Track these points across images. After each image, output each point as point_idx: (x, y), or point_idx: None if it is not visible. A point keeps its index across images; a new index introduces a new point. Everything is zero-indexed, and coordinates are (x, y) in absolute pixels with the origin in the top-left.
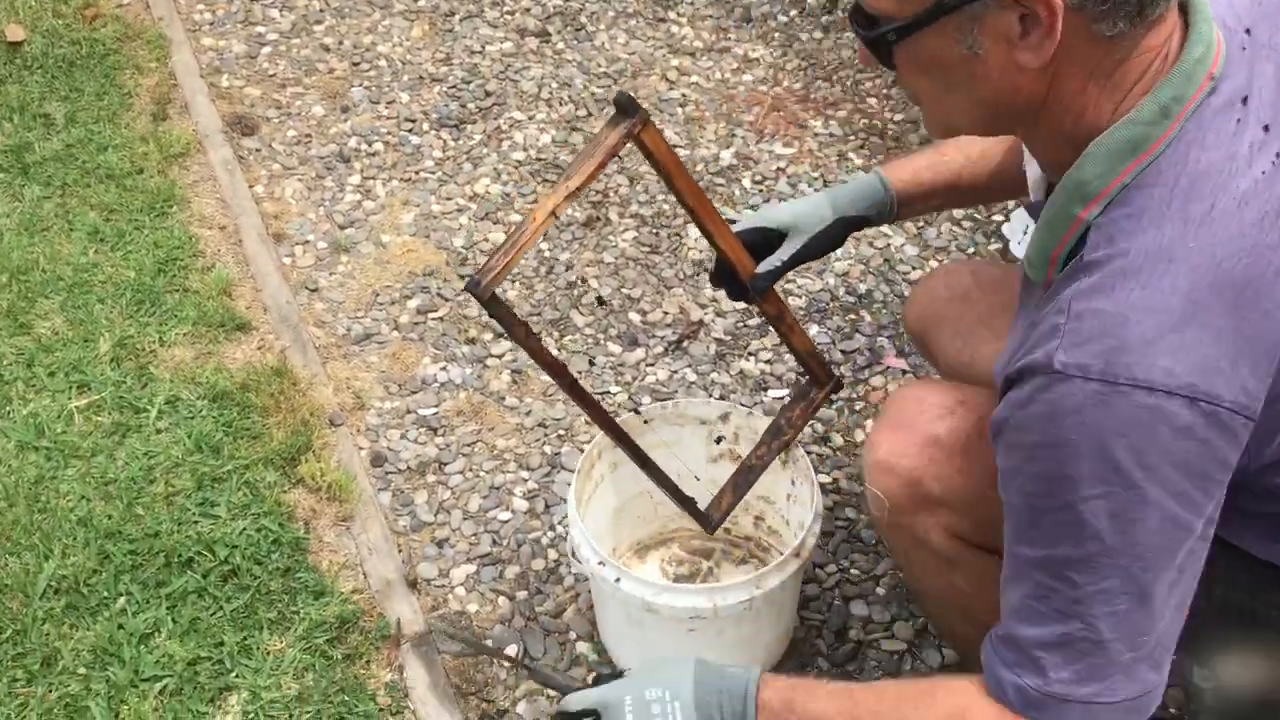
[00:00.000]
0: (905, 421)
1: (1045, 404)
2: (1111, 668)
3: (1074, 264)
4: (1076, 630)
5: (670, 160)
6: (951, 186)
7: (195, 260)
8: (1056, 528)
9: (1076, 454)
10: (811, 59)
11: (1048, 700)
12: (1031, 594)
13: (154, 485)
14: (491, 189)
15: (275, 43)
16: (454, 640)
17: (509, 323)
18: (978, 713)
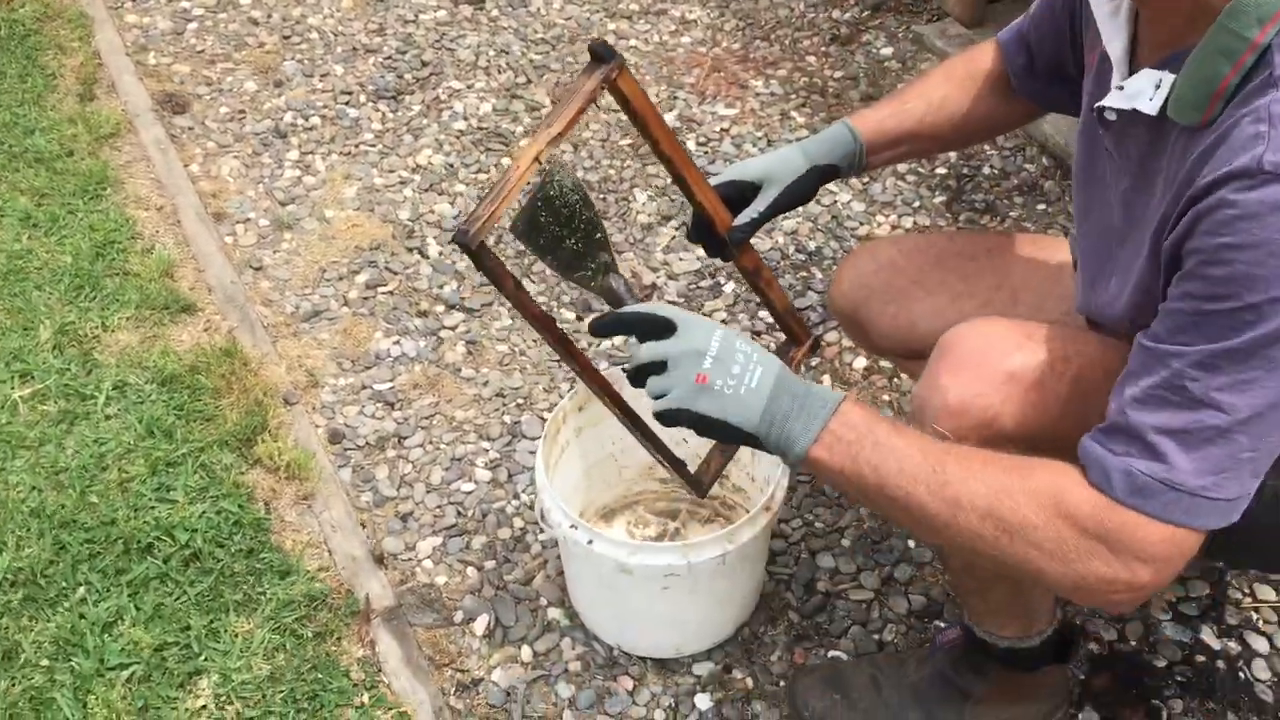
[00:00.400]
0: (972, 360)
1: (1247, 204)
2: (1229, 461)
3: (1258, 83)
4: (1208, 418)
5: (646, 107)
6: (914, 134)
7: (134, 242)
8: (1224, 328)
9: (1274, 253)
10: (749, 19)
11: (1157, 487)
12: (1164, 383)
13: (106, 472)
14: (434, 160)
15: (201, 18)
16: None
17: (498, 275)
18: (1077, 493)
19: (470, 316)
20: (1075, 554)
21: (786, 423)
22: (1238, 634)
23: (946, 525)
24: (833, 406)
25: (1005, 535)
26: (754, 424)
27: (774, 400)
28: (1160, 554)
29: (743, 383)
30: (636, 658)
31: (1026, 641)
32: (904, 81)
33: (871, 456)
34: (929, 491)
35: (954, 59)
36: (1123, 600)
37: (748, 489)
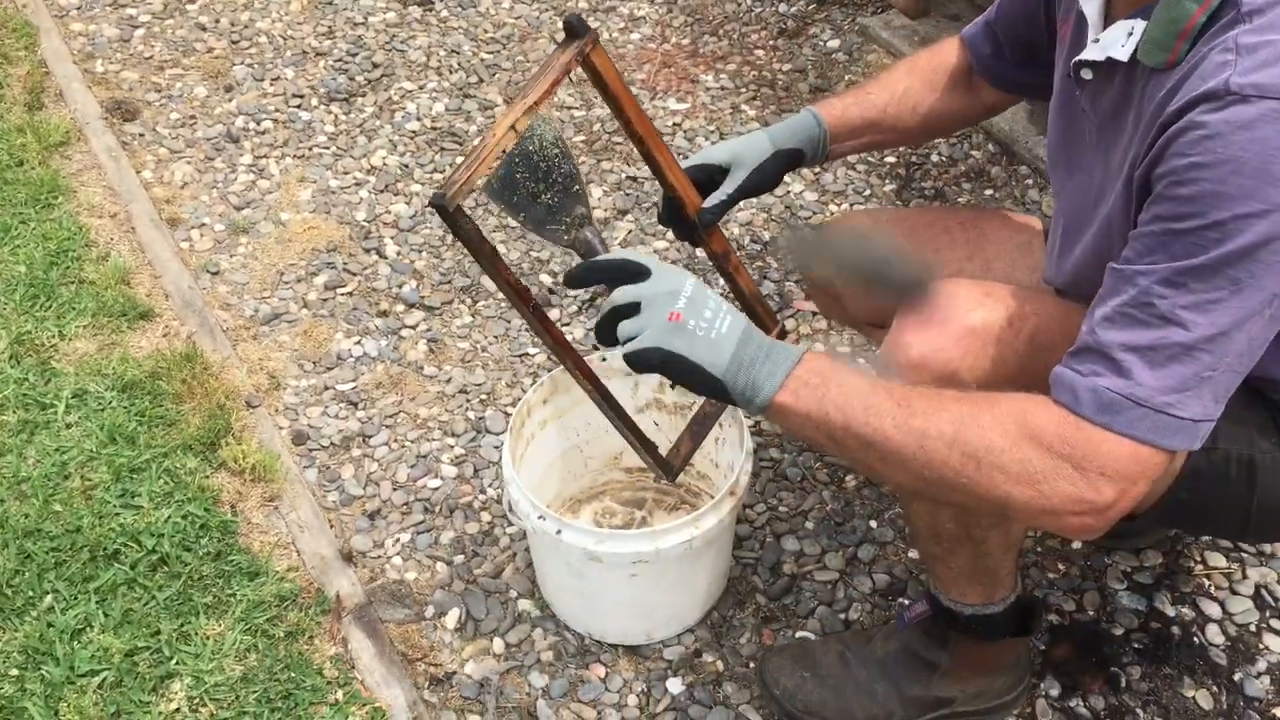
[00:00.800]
0: (936, 318)
1: (1215, 124)
2: (1193, 380)
3: (1224, 21)
4: (1173, 334)
5: (618, 84)
6: (876, 123)
7: (88, 250)
8: (1191, 246)
9: (1238, 171)
10: (696, 15)
11: (1123, 402)
12: (1131, 301)
13: (69, 480)
14: (389, 160)
15: (148, 24)
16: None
17: (475, 240)
18: (1042, 414)
19: (431, 315)
20: (1041, 475)
21: (754, 368)
22: (1191, 600)
23: (913, 457)
24: (798, 355)
25: (971, 462)
26: (722, 368)
27: (742, 347)
28: (1124, 470)
29: (714, 327)
30: (608, 645)
31: (990, 608)
32: (851, 74)
33: (837, 397)
34: (894, 425)
35: (918, 53)
36: (1089, 523)
37: (712, 475)
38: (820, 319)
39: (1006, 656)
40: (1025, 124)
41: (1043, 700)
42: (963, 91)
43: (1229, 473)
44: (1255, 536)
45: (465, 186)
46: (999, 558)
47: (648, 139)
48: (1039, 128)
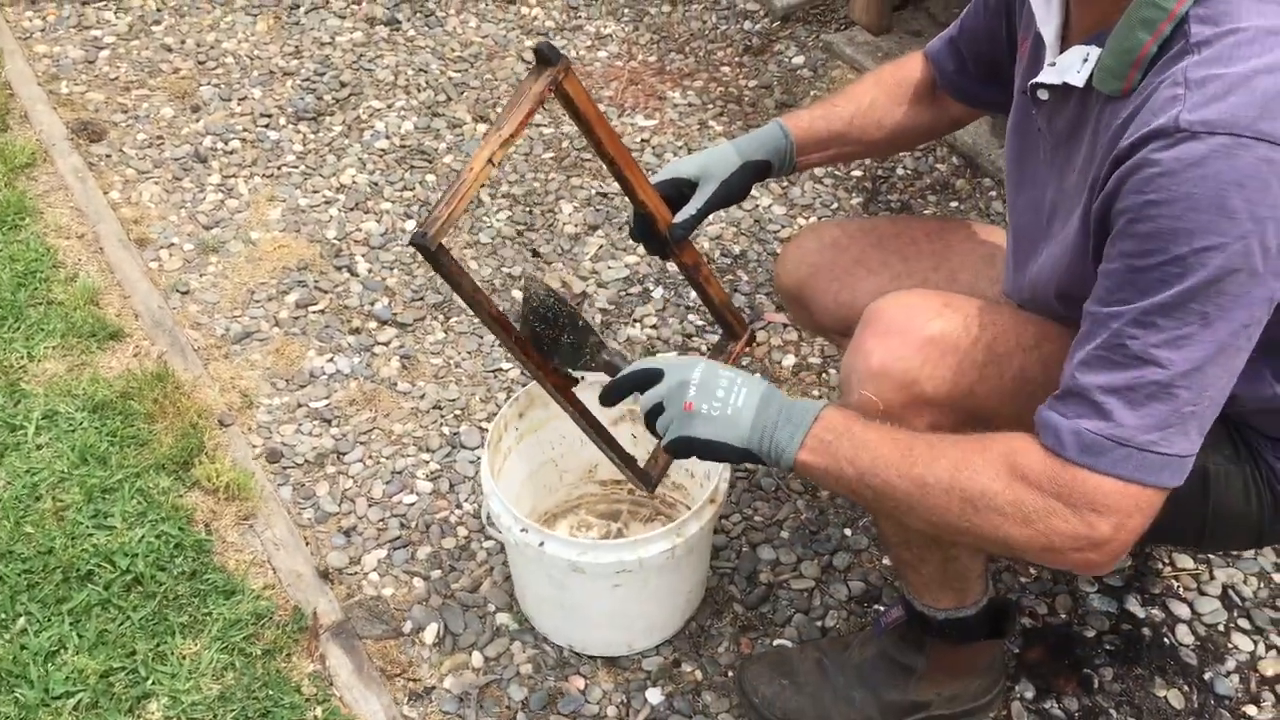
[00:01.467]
0: (896, 327)
1: (1167, 162)
2: (1173, 417)
3: (1174, 52)
4: (1149, 374)
5: (590, 109)
6: (842, 135)
7: (56, 271)
8: (1155, 281)
9: (1194, 206)
10: (662, 32)
11: (1105, 443)
12: (1105, 344)
13: (40, 502)
14: (358, 179)
15: (113, 45)
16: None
17: (456, 276)
18: (1030, 456)
19: (403, 331)
20: (1035, 514)
21: (775, 433)
22: (1160, 602)
23: (919, 504)
24: (815, 412)
25: (969, 506)
26: (745, 438)
27: (760, 414)
28: (1115, 505)
29: (728, 404)
30: (587, 657)
31: (963, 611)
32: (816, 89)
33: (848, 452)
34: (899, 475)
35: (884, 67)
36: (1093, 559)
37: (687, 485)
38: (790, 330)
39: (981, 660)
40: (989, 137)
41: (1018, 703)
42: (927, 105)
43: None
44: (1212, 545)
45: (446, 224)
46: (968, 562)
47: (619, 159)
48: (1002, 141)
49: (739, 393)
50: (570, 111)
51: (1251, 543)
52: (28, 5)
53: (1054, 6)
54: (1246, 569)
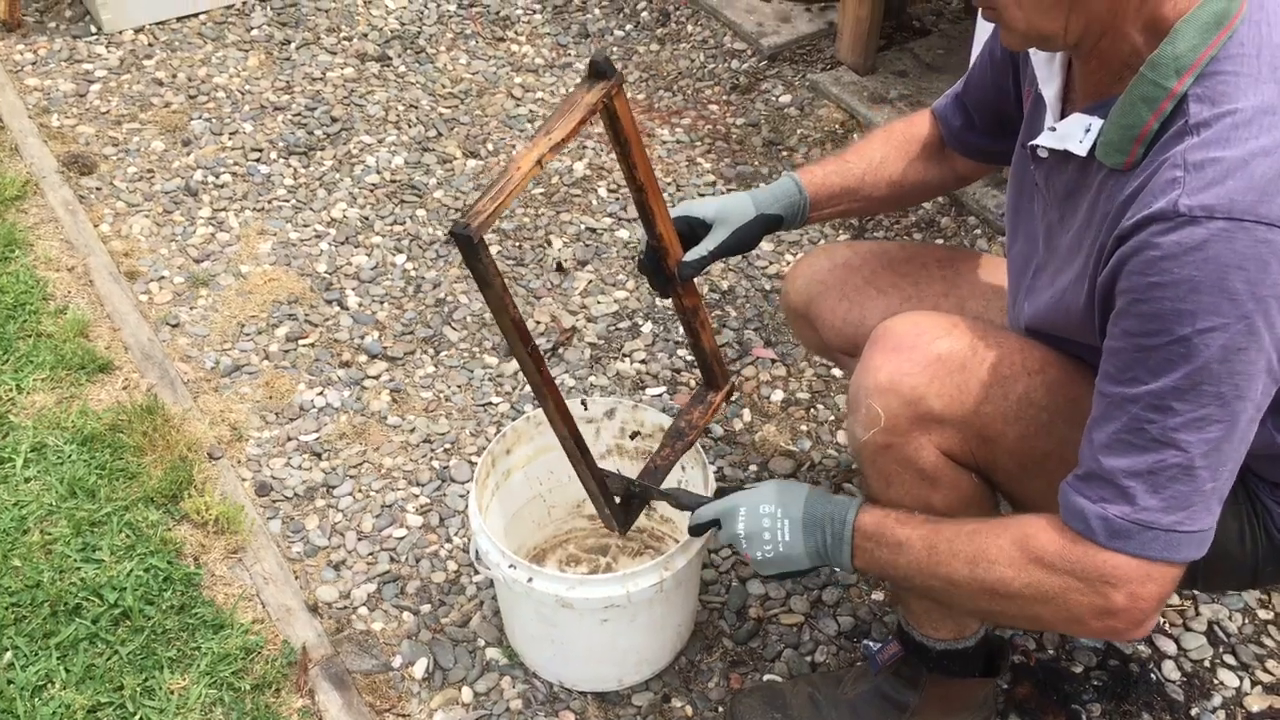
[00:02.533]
0: (905, 344)
1: (1168, 245)
2: (1195, 496)
3: (1175, 131)
4: (1170, 457)
5: (633, 131)
6: (854, 190)
7: (46, 304)
8: (1163, 362)
9: (1196, 289)
10: (651, 70)
11: (1133, 528)
12: (1125, 428)
13: (28, 535)
14: (349, 213)
15: (104, 79)
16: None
17: (489, 272)
18: (1044, 538)
19: (394, 365)
20: (1053, 593)
21: (828, 554)
22: (1147, 638)
23: (954, 598)
24: (851, 526)
25: (994, 596)
26: (806, 565)
27: (808, 539)
28: (1129, 577)
29: (778, 541)
30: (577, 693)
31: (960, 643)
32: (803, 128)
33: (888, 558)
34: (931, 576)
35: (894, 124)
36: (1114, 626)
37: (675, 519)
38: (779, 365)
39: (974, 697)
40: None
41: None
42: (936, 162)
43: None
44: (1206, 586)
45: (490, 218)
46: None
47: (647, 187)
48: (986, 181)
49: (782, 528)
50: (612, 130)
51: (1245, 584)
52: (19, 39)
53: (1055, 68)
54: (1231, 605)
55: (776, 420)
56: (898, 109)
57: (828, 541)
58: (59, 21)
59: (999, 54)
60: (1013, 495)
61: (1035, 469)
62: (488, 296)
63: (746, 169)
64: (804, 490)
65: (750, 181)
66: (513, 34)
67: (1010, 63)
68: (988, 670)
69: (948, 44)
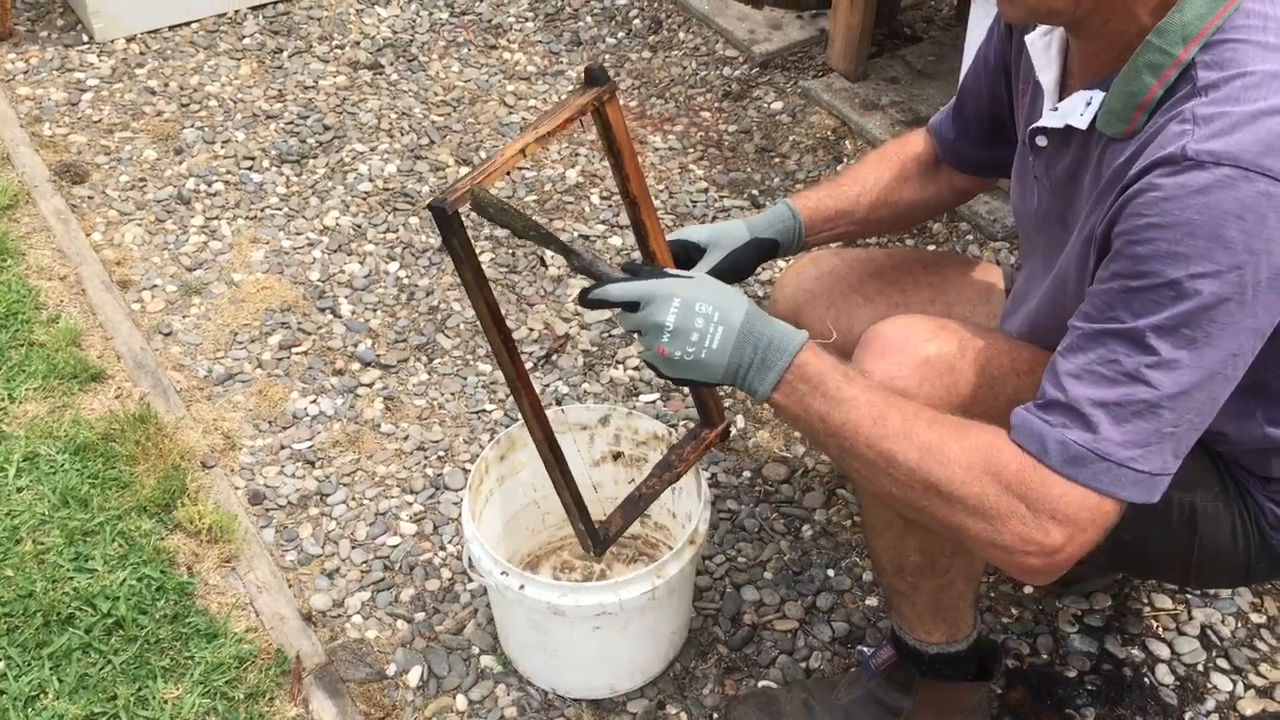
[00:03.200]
0: (894, 347)
1: (1170, 187)
2: (1154, 436)
3: (1181, 95)
4: (1139, 392)
5: (625, 141)
6: (849, 213)
7: (38, 313)
8: (1149, 303)
9: (1192, 233)
10: (643, 78)
11: (1089, 456)
12: (1098, 359)
13: (21, 545)
14: (341, 221)
15: (96, 88)
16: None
17: (465, 251)
18: (1007, 453)
19: (387, 373)
20: (995, 510)
21: (748, 374)
22: (1140, 642)
23: (883, 474)
24: (789, 357)
25: (932, 490)
26: (718, 378)
27: (735, 354)
28: (1075, 516)
29: (702, 347)
30: (571, 700)
31: (953, 647)
32: (795, 134)
33: (820, 407)
34: (867, 445)
35: (888, 145)
36: (1035, 564)
37: (669, 526)
38: None
39: (967, 701)
40: None
41: None
42: (931, 180)
43: (1171, 518)
44: (1198, 582)
45: (466, 195)
46: (961, 589)
47: (640, 201)
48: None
49: (715, 333)
50: (605, 139)
51: (1237, 581)
52: (11, 48)
53: (1053, 54)
54: (1224, 609)
55: (770, 426)
56: (889, 115)
57: (754, 363)
58: (51, 30)
59: (993, 60)
60: None
61: None
62: (461, 274)
63: (739, 175)
64: (745, 301)
65: (742, 188)
66: (505, 42)
67: (1003, 67)
68: (981, 674)
69: (939, 51)
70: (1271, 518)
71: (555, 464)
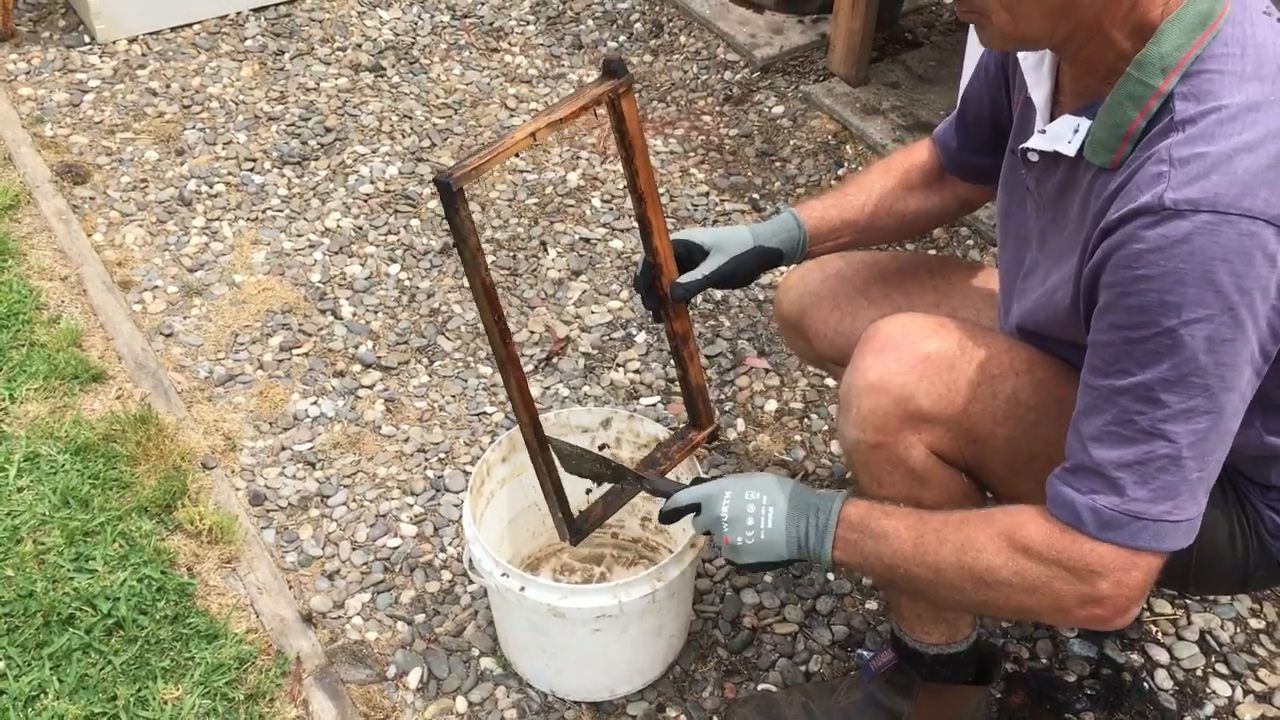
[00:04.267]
0: (893, 345)
1: (1154, 239)
2: (1182, 486)
3: (1161, 128)
4: (1159, 449)
5: (638, 135)
6: (854, 222)
7: (39, 313)
8: (1150, 354)
9: (1181, 281)
10: (645, 81)
11: (1123, 519)
12: (1115, 420)
13: (21, 545)
14: (343, 223)
15: (98, 89)
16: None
17: (466, 228)
18: (1031, 528)
19: (388, 375)
20: (1039, 581)
21: (809, 544)
22: (1139, 647)
23: (940, 588)
24: (836, 516)
25: (981, 584)
26: (785, 555)
27: (791, 528)
28: (1113, 564)
29: (760, 529)
30: (571, 702)
31: (953, 648)
32: (796, 139)
33: (871, 549)
34: (917, 565)
35: (893, 155)
36: (1099, 614)
37: (670, 529)
38: (773, 375)
39: (966, 705)
40: None
41: None
42: (936, 189)
43: None
44: (1196, 588)
45: (473, 174)
46: None
47: (647, 198)
48: None
49: (766, 514)
50: (618, 132)
51: (1236, 588)
52: (12, 48)
53: (1044, 72)
54: (1223, 614)
55: (770, 430)
56: (890, 120)
57: (810, 532)
58: (52, 31)
59: (993, 68)
60: (1001, 495)
61: (1023, 468)
62: (462, 253)
63: (740, 179)
64: (790, 482)
65: (743, 192)
66: (506, 45)
67: (1003, 75)
68: (980, 677)
69: (940, 56)
70: (1270, 525)
71: (539, 450)
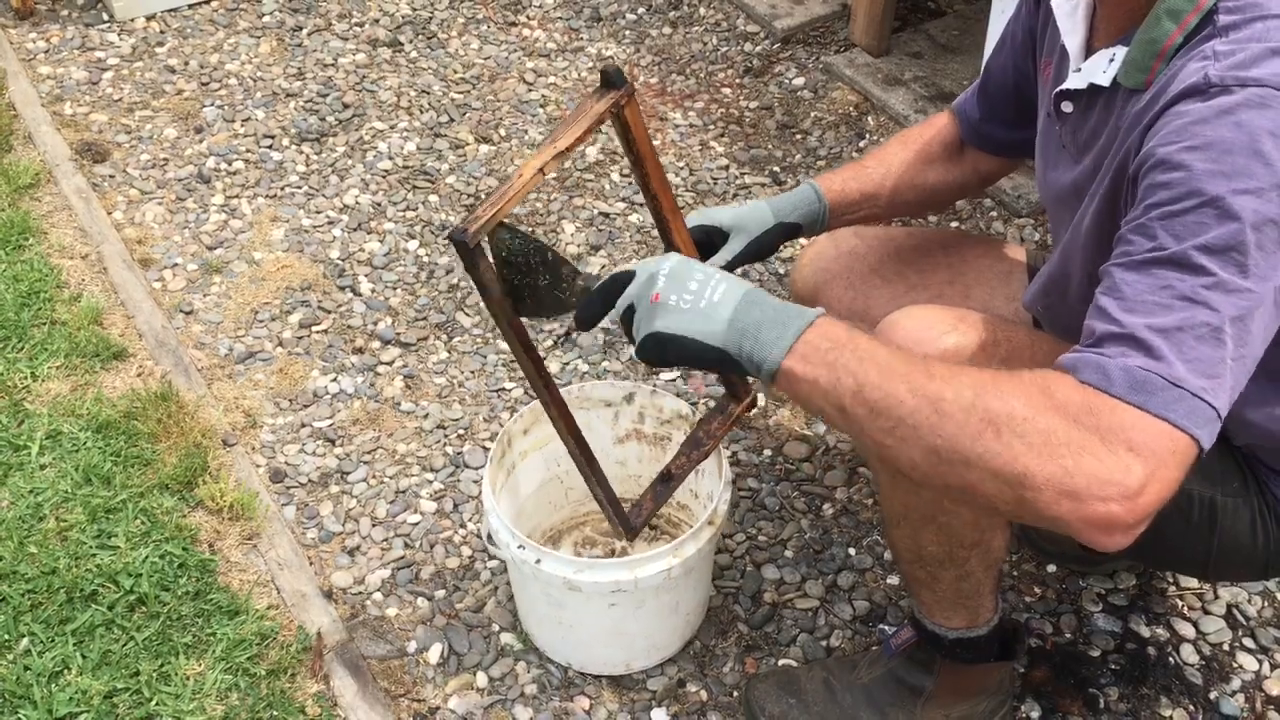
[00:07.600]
0: (911, 340)
1: (1199, 111)
2: (1220, 367)
3: (1203, 36)
4: (1200, 315)
5: (644, 142)
6: (873, 196)
7: (60, 291)
8: (1195, 224)
9: (1229, 150)
10: (663, 54)
11: (1158, 381)
12: (1149, 289)
13: (44, 522)
14: (361, 199)
15: (117, 67)
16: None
17: (488, 279)
18: (1067, 385)
19: (407, 351)
20: (1065, 446)
21: (759, 332)
22: (1165, 621)
23: (926, 423)
24: (811, 317)
25: (990, 428)
26: (720, 336)
27: (741, 311)
28: (1155, 448)
29: (702, 297)
30: (592, 677)
31: (974, 631)
32: (817, 110)
33: (850, 361)
34: (909, 389)
35: (912, 128)
36: (1115, 512)
37: (691, 505)
38: None
39: (989, 681)
40: None
41: None
42: (955, 162)
43: (1191, 514)
44: (1216, 576)
45: (487, 225)
46: (981, 578)
47: (661, 198)
48: None
49: (716, 287)
50: (624, 140)
51: (1256, 575)
52: (31, 27)
53: (1079, 17)
54: (1251, 588)
55: (791, 404)
56: (912, 91)
57: (765, 325)
58: (71, 9)
59: (1020, 34)
60: None
61: None
62: (487, 303)
63: (760, 152)
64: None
65: (764, 165)
66: (524, 19)
67: (1029, 43)
68: (1003, 655)
69: (963, 25)
70: None
71: (591, 474)
